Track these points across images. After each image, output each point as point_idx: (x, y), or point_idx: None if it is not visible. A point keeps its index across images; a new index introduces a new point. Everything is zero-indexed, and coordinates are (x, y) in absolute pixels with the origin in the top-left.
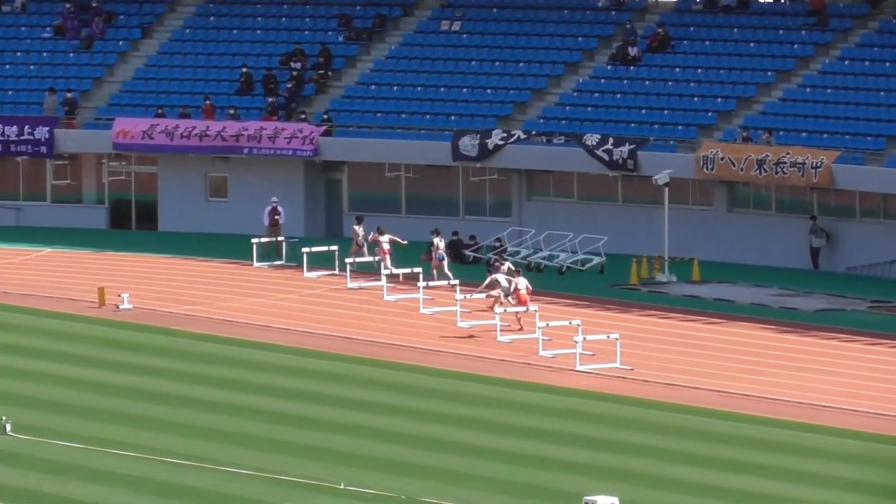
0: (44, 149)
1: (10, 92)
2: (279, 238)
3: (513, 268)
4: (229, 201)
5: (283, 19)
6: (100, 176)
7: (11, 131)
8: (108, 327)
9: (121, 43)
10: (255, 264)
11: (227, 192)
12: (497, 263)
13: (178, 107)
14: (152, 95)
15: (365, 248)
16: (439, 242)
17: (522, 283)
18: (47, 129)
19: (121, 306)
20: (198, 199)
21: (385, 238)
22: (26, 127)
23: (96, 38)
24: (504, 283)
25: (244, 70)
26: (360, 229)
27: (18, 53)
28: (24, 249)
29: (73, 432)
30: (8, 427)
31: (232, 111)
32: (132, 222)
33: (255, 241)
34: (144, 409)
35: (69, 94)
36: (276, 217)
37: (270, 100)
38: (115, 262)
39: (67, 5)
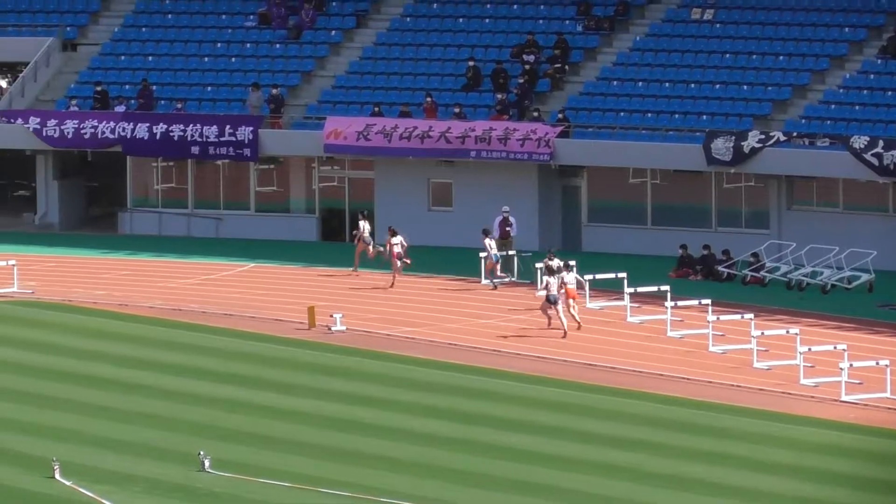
0: (247, 151)
1: (209, 88)
2: (510, 252)
3: (561, 264)
4: (454, 210)
5: (515, 6)
6: (309, 182)
7: (211, 132)
8: (318, 351)
9: (333, 33)
10: (483, 281)
11: (452, 200)
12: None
13: (398, 104)
14: (368, 92)
15: (370, 248)
16: (491, 243)
17: (570, 277)
18: (251, 129)
19: (333, 328)
20: (419, 207)
21: (397, 240)
22: (227, 127)
23: (305, 28)
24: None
25: (471, 63)
26: (364, 225)
27: (219, 45)
28: (225, 264)
29: (278, 468)
30: (206, 463)
31: (457, 109)
32: (345, 234)
33: (482, 255)
34: (359, 443)
35: (275, 91)
36: (508, 229)
37: (500, 97)
38: (326, 279)
39: None
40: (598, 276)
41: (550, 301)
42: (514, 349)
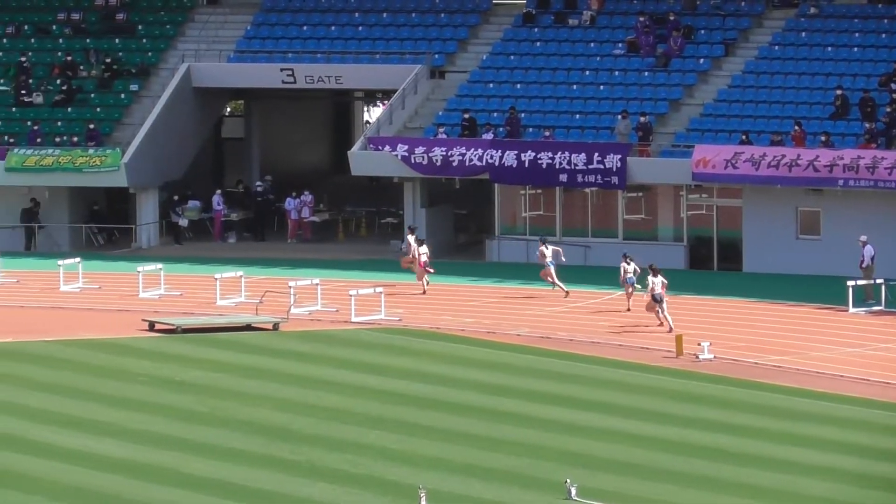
0: (615, 179)
1: (577, 115)
2: (875, 280)
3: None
4: (822, 239)
5: (884, 35)
6: (677, 210)
7: (579, 159)
8: (684, 379)
9: (701, 61)
10: (851, 310)
11: (820, 228)
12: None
13: (766, 132)
14: (736, 120)
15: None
16: (546, 250)
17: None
18: (619, 157)
19: (700, 356)
20: (787, 235)
21: (424, 249)
22: (595, 154)
23: (673, 56)
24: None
25: (839, 92)
26: (412, 239)
27: (587, 72)
28: (592, 291)
29: (642, 496)
30: (573, 491)
31: (824, 138)
32: (713, 262)
33: (850, 283)
34: (723, 471)
35: (643, 118)
36: (862, 258)
37: (868, 125)
38: (694, 307)
39: (641, 18)
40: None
41: (656, 300)
42: (882, 378)
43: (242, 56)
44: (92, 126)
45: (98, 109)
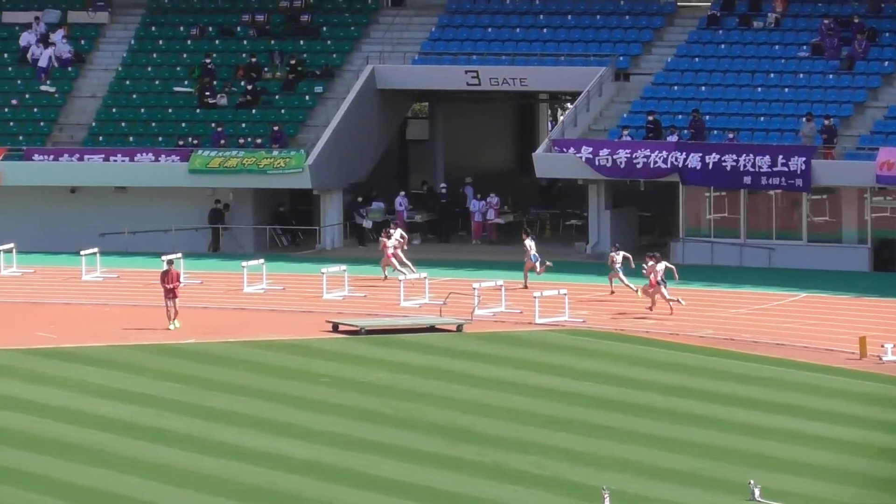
0: (799, 182)
1: (761, 118)
2: None
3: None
4: None
5: None
6: (861, 212)
7: (763, 161)
8: (868, 381)
9: (886, 63)
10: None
11: None
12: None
13: None
14: None
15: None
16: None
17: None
18: (803, 159)
19: (884, 358)
20: None
21: (395, 235)
22: (780, 157)
23: (858, 58)
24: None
25: None
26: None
27: (772, 74)
28: (776, 293)
29: (828, 498)
30: (756, 492)
31: None
32: None
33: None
34: None
35: (828, 121)
36: None
37: None
38: (878, 309)
39: (826, 21)
40: None
41: (661, 284)
42: None
43: (427, 58)
44: (276, 128)
45: (282, 111)
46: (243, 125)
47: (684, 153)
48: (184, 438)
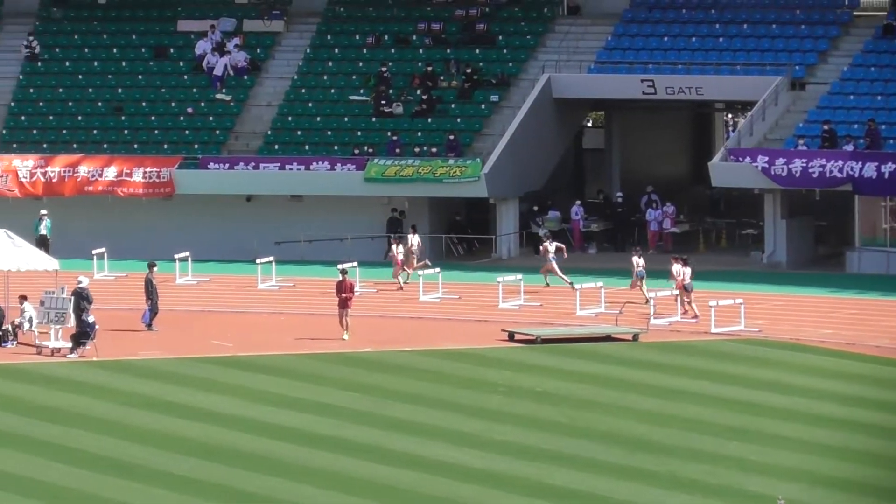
0: None
1: None
2: None
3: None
4: None
5: None
6: None
7: None
8: None
9: None
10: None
11: None
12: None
13: None
14: None
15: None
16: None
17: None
18: None
19: None
20: None
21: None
22: None
23: None
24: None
25: None
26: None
27: None
28: None
29: None
30: None
31: None
32: None
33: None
34: None
35: None
36: None
37: None
38: None
39: None
40: None
41: (686, 289)
42: None
43: (602, 67)
44: (452, 137)
45: (458, 120)
46: (419, 134)
47: (860, 162)
48: (361, 448)
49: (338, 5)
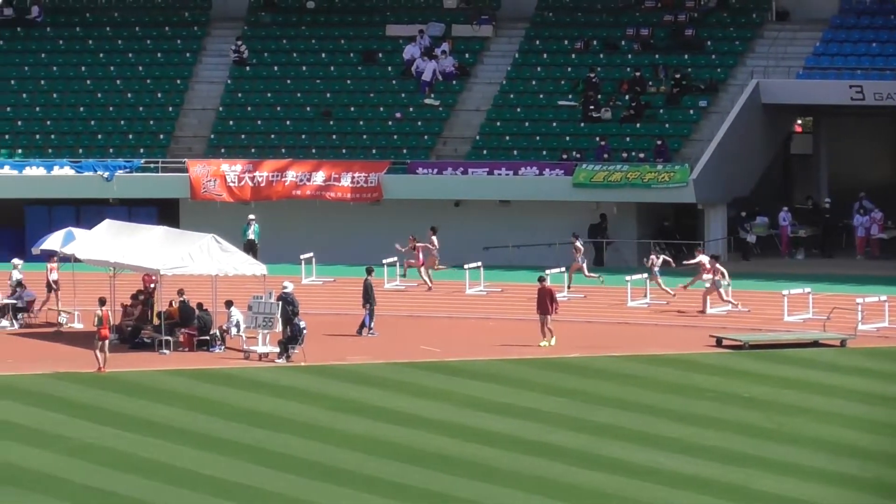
0: None
1: None
2: None
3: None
4: None
5: None
6: None
7: None
8: None
9: None
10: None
11: None
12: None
13: None
14: None
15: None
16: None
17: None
18: None
19: None
20: None
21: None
22: None
23: None
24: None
25: None
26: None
27: None
28: None
29: None
30: None
31: None
32: None
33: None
34: None
35: None
36: None
37: None
38: None
39: None
40: None
41: (716, 286)
42: None
43: (811, 72)
44: (660, 142)
45: (666, 125)
46: (627, 139)
47: None
48: (568, 453)
49: (546, 10)
